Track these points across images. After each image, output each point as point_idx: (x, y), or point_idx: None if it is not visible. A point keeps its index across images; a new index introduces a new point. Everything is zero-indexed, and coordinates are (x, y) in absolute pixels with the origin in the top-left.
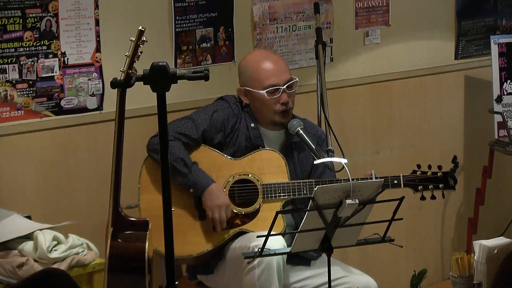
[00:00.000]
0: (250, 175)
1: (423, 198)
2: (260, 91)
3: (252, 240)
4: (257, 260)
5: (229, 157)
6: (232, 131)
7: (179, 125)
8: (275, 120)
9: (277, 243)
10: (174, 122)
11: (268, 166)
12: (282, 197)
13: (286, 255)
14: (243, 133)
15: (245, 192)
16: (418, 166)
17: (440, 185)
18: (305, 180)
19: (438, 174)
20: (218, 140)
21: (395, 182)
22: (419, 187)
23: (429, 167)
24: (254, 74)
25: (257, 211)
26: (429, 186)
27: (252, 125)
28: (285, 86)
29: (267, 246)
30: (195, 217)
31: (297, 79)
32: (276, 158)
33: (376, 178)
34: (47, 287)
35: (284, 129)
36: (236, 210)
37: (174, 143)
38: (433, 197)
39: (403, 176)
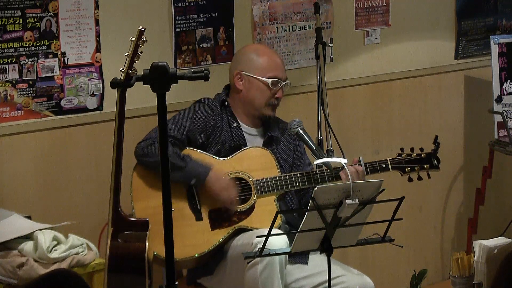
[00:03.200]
0: (241, 173)
1: (410, 179)
2: (265, 79)
3: (255, 237)
4: None
5: (217, 158)
6: (214, 131)
7: None
8: (263, 112)
9: (279, 241)
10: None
11: (257, 163)
12: (275, 191)
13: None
14: (226, 133)
15: (238, 190)
16: (402, 149)
17: (425, 166)
18: (296, 173)
19: (422, 155)
20: (201, 141)
21: (383, 166)
22: (406, 169)
23: (412, 149)
24: (262, 61)
25: (252, 207)
26: (415, 167)
27: (235, 124)
28: (284, 83)
29: (269, 245)
30: (191, 219)
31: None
32: (264, 155)
33: (365, 164)
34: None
35: (262, 127)
36: None
37: None
38: (419, 178)
39: (390, 159)
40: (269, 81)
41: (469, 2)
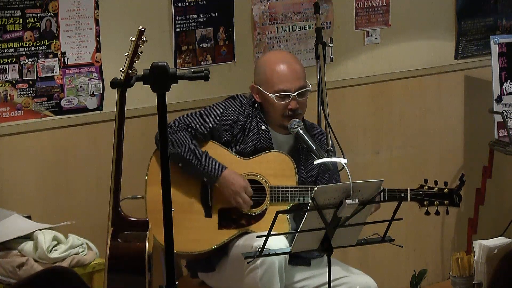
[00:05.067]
0: (258, 176)
1: (427, 213)
2: (270, 94)
3: (256, 240)
4: (259, 260)
5: (238, 156)
6: (241, 131)
7: (188, 119)
8: (282, 123)
9: (279, 243)
10: (184, 116)
11: (277, 168)
12: (289, 201)
13: (288, 255)
14: (254, 134)
15: (252, 193)
16: (425, 180)
17: (445, 202)
18: (313, 186)
19: (445, 190)
20: (226, 139)
21: (402, 195)
22: (425, 202)
23: (436, 182)
24: (267, 75)
25: (263, 213)
26: (435, 202)
27: (263, 127)
28: (295, 93)
29: (269, 246)
30: (200, 214)
31: (310, 87)
32: (285, 161)
33: (384, 189)
34: (54, 284)
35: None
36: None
37: (183, 133)
38: (437, 213)
39: (410, 189)
40: (274, 96)
41: (469, 2)
